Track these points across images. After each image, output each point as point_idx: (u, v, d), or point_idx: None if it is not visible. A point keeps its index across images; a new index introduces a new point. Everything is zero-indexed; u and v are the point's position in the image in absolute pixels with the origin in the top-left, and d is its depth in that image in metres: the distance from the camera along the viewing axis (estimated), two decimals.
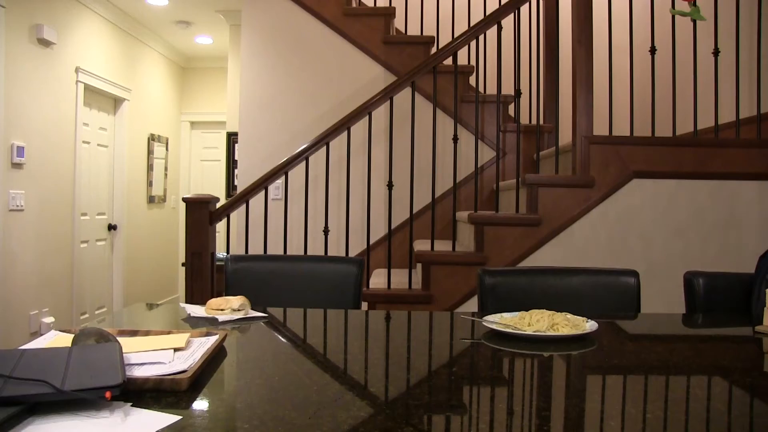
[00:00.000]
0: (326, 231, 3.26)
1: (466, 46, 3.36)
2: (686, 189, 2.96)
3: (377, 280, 3.48)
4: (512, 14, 3.21)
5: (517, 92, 3.25)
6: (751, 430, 0.83)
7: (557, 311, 1.43)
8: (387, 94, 3.23)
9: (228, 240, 3.31)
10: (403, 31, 4.42)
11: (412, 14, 4.57)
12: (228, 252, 3.28)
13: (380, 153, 4.01)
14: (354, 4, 4.28)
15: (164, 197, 6.64)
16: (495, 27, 3.19)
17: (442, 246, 3.33)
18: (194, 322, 1.48)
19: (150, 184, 6.25)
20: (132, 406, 0.86)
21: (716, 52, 2.98)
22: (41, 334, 1.23)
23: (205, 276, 3.14)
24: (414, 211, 3.86)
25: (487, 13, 3.50)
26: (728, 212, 2.97)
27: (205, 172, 7.19)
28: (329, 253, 3.47)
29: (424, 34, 4.36)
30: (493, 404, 0.95)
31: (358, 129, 3.96)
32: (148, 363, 1.00)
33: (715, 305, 1.70)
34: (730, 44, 3.11)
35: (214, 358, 1.13)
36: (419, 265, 3.24)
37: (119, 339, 1.07)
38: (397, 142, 3.90)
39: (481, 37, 3.40)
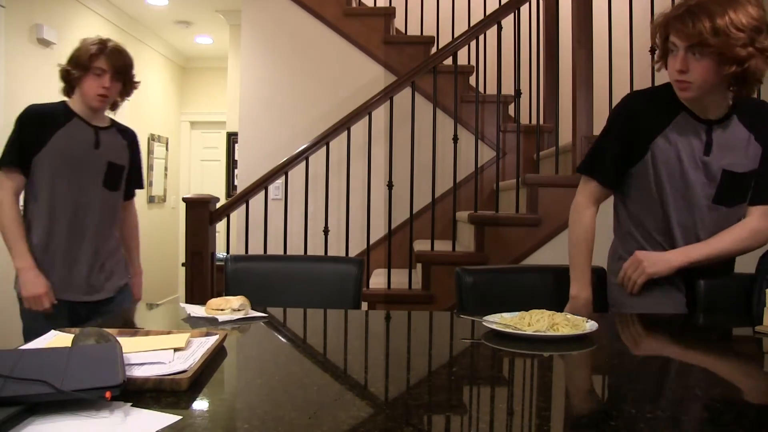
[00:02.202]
0: (326, 231, 3.26)
1: (466, 46, 3.36)
2: None
3: (377, 280, 3.48)
4: (512, 14, 3.21)
5: (517, 92, 3.25)
6: (752, 430, 0.83)
7: (556, 311, 1.42)
8: (387, 94, 3.23)
9: (228, 240, 3.31)
10: (403, 31, 4.42)
11: (412, 14, 4.57)
12: (228, 252, 3.28)
13: (380, 153, 4.01)
14: (354, 4, 4.28)
15: (164, 197, 6.64)
16: (495, 27, 3.19)
17: (442, 246, 3.33)
18: (194, 322, 1.48)
19: (150, 184, 6.25)
20: (132, 406, 0.86)
21: None
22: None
23: (205, 276, 3.14)
24: (414, 211, 3.85)
25: (487, 13, 3.49)
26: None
27: (205, 172, 7.19)
28: (329, 253, 3.46)
29: (424, 34, 4.36)
30: (493, 404, 0.95)
31: (358, 129, 3.96)
32: (148, 363, 1.00)
33: (715, 305, 1.70)
34: None
35: (214, 358, 1.12)
36: (419, 265, 3.24)
37: (119, 339, 1.07)
38: (397, 142, 3.90)
39: (481, 37, 3.40)
